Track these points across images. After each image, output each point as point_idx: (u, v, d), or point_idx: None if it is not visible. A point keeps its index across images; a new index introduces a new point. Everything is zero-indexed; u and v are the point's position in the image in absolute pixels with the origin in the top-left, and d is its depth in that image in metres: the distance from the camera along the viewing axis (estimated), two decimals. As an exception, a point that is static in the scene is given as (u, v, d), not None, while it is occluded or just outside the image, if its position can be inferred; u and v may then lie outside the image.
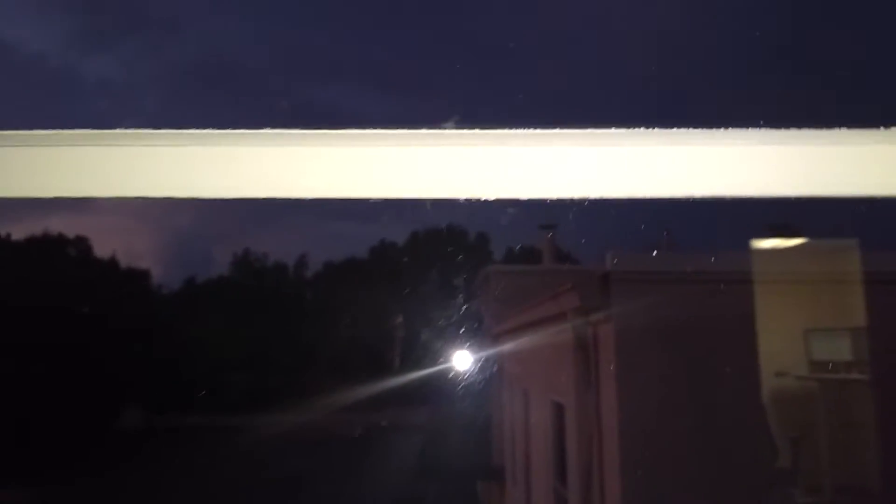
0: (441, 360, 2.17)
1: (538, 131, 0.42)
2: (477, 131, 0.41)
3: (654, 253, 2.07)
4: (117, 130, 0.41)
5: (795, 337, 2.22)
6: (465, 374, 2.26)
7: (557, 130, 0.42)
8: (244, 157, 0.40)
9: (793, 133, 0.42)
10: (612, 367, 2.06)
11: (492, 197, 0.41)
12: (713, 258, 2.07)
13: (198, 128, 0.41)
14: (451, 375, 2.25)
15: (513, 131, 0.41)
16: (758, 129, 0.42)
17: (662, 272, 2.15)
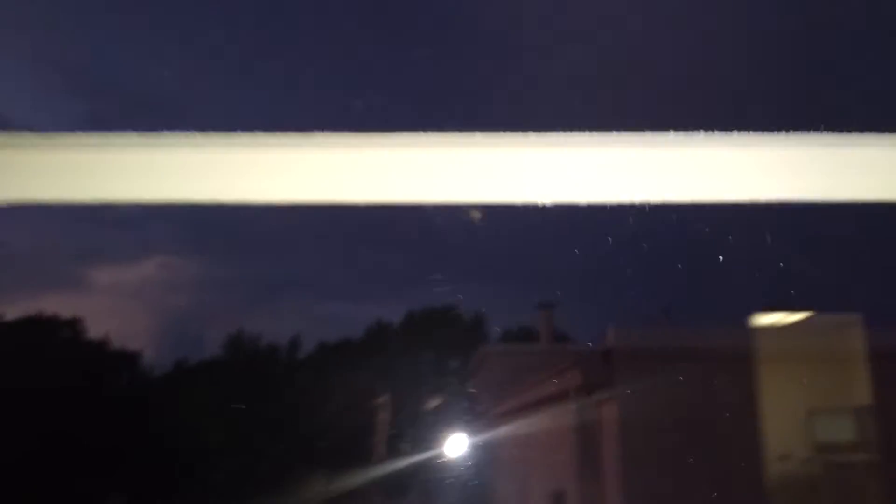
0: (436, 445, 2.09)
1: (542, 135, 0.41)
2: (473, 134, 0.40)
3: (660, 327, 2.05)
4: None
5: (799, 417, 2.17)
6: (461, 460, 2.19)
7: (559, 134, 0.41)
8: (227, 160, 0.39)
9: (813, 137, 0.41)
10: (616, 450, 2.00)
11: (491, 199, 0.40)
12: (718, 333, 2.05)
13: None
14: (446, 461, 2.18)
15: (510, 134, 0.41)
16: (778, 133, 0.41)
17: (668, 348, 2.13)
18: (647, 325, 2.11)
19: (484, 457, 2.30)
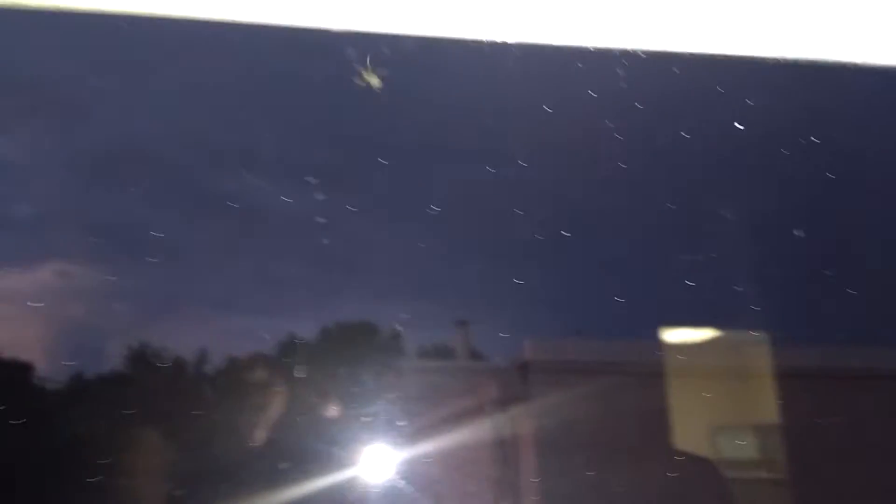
0: (351, 461, 2.06)
1: None
2: None
3: (576, 340, 2.11)
4: None
5: (705, 432, 2.29)
6: (376, 476, 2.16)
7: None
8: None
9: None
10: (531, 462, 2.03)
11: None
12: (634, 347, 2.12)
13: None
14: (361, 477, 2.14)
15: None
16: None
17: (586, 361, 2.19)
18: (564, 338, 2.17)
19: (399, 472, 2.28)
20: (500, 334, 1.36)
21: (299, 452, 1.47)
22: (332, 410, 1.57)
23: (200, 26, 0.82)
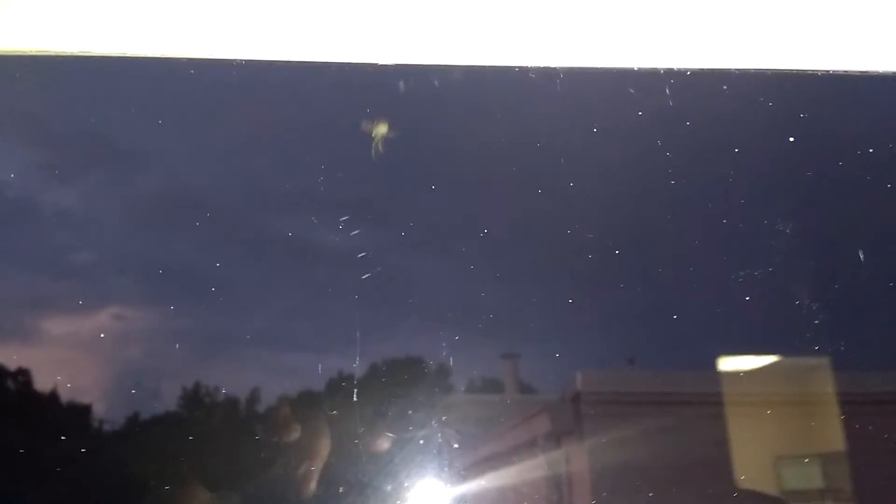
0: (403, 497, 2.02)
1: None
2: None
3: (629, 371, 2.06)
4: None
5: (769, 463, 2.19)
6: (426, 516, 2.12)
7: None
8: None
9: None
10: (586, 494, 1.97)
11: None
12: (689, 377, 2.06)
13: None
14: (411, 517, 2.11)
15: None
16: None
17: (640, 392, 2.13)
18: (617, 370, 2.12)
19: (451, 511, 2.23)
20: (550, 366, 1.33)
21: (349, 489, 1.45)
22: (381, 446, 1.55)
23: (249, 68, 0.84)
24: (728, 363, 1.96)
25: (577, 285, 1.20)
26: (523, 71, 0.70)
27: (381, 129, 0.89)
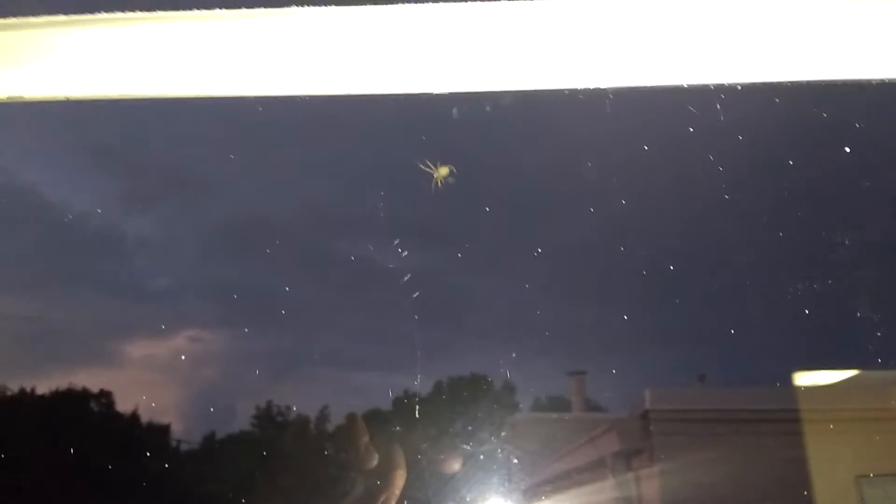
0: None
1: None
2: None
3: (699, 389, 2.01)
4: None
5: (847, 481, 2.10)
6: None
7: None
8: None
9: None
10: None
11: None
12: (761, 394, 2.00)
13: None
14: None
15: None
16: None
17: (710, 409, 2.08)
18: (686, 387, 2.08)
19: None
20: (617, 384, 1.33)
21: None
22: (448, 465, 1.57)
23: (312, 103, 0.89)
24: (802, 378, 1.90)
25: (638, 303, 1.20)
26: (573, 93, 0.72)
27: (443, 172, 0.93)
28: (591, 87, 0.75)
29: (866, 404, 2.10)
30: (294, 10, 0.78)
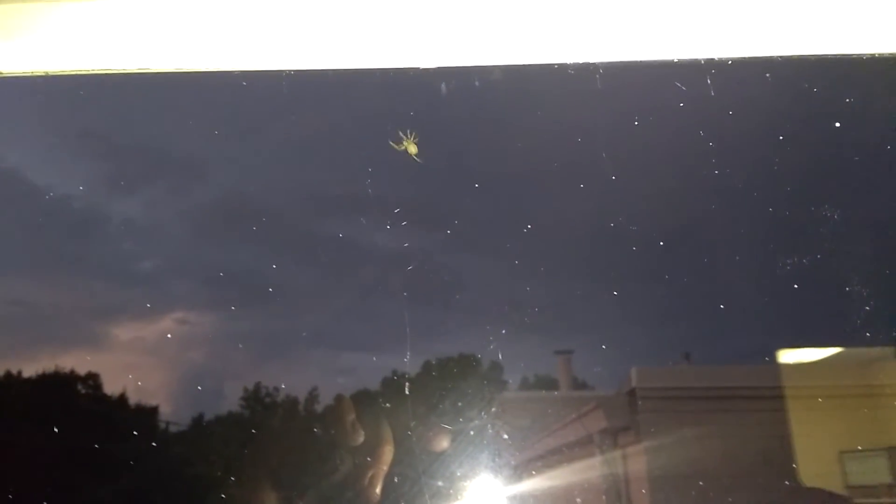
0: (459, 495, 2.04)
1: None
2: None
3: (685, 367, 2.03)
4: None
5: (832, 457, 2.13)
6: (483, 512, 2.14)
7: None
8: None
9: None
10: (644, 491, 1.95)
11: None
12: (747, 371, 2.02)
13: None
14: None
15: None
16: None
17: (696, 387, 2.10)
18: (672, 366, 2.09)
19: (508, 508, 2.25)
20: (603, 362, 1.33)
21: (405, 487, 1.48)
22: (437, 442, 1.57)
23: (297, 78, 0.88)
24: (787, 355, 1.92)
25: (626, 279, 1.20)
26: (562, 68, 0.71)
27: (412, 150, 0.93)
28: (581, 61, 0.74)
29: (852, 381, 2.13)
30: (279, -19, 0.76)
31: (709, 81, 0.79)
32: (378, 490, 1.30)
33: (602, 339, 1.13)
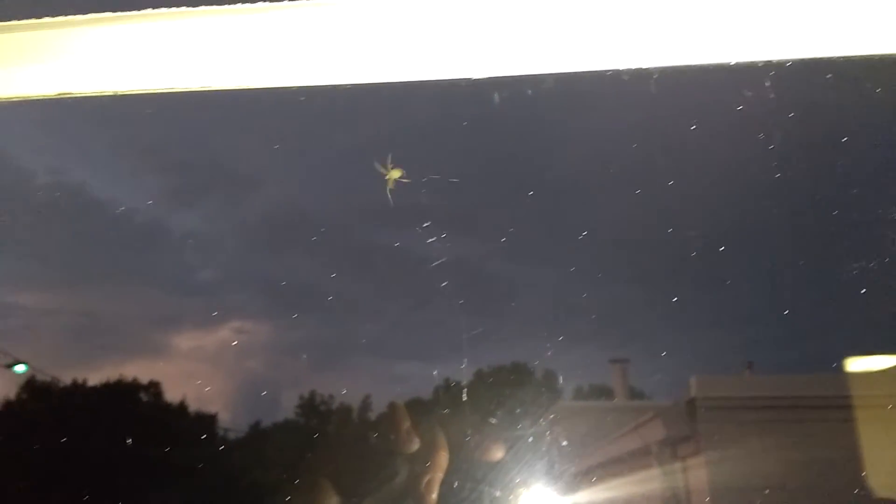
0: (512, 494, 2.03)
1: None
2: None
3: (747, 376, 1.97)
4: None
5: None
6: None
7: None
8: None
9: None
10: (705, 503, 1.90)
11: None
12: (812, 381, 1.95)
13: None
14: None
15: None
16: None
17: (758, 397, 2.04)
18: (733, 374, 2.04)
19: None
20: (661, 371, 1.31)
21: (464, 494, 1.48)
22: (494, 452, 1.56)
23: (354, 92, 0.90)
24: (853, 363, 1.85)
25: (686, 286, 1.17)
26: (616, 74, 0.71)
27: (395, 175, 0.94)
28: (635, 66, 0.73)
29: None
30: (335, -2, 0.78)
31: (767, 84, 0.77)
32: (434, 496, 1.30)
33: (661, 346, 1.11)
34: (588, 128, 1.00)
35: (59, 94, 0.91)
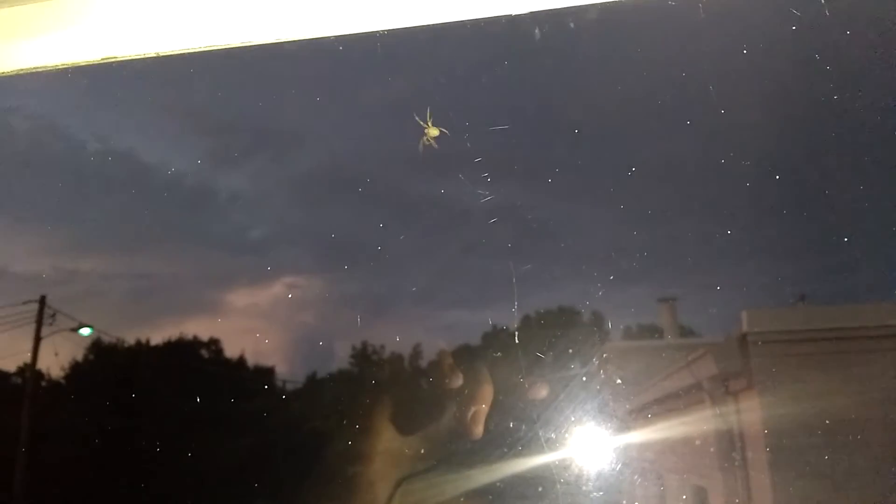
0: (562, 447, 2.06)
1: None
2: None
3: (802, 308, 1.93)
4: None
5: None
6: (590, 463, 2.13)
7: None
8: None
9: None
10: (759, 444, 1.89)
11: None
12: (869, 310, 1.90)
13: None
14: (574, 464, 2.12)
15: None
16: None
17: (815, 329, 2.00)
18: (786, 307, 2.00)
19: (617, 457, 2.23)
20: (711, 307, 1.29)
21: (512, 438, 1.51)
22: (540, 397, 1.59)
23: (389, 38, 0.89)
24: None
25: (738, 217, 1.15)
26: (662, 1, 0.68)
27: (433, 133, 0.92)
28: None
29: None
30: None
31: (822, 1, 0.73)
32: (480, 427, 1.33)
33: (714, 281, 1.10)
34: (634, 59, 0.97)
35: (104, 59, 0.93)
